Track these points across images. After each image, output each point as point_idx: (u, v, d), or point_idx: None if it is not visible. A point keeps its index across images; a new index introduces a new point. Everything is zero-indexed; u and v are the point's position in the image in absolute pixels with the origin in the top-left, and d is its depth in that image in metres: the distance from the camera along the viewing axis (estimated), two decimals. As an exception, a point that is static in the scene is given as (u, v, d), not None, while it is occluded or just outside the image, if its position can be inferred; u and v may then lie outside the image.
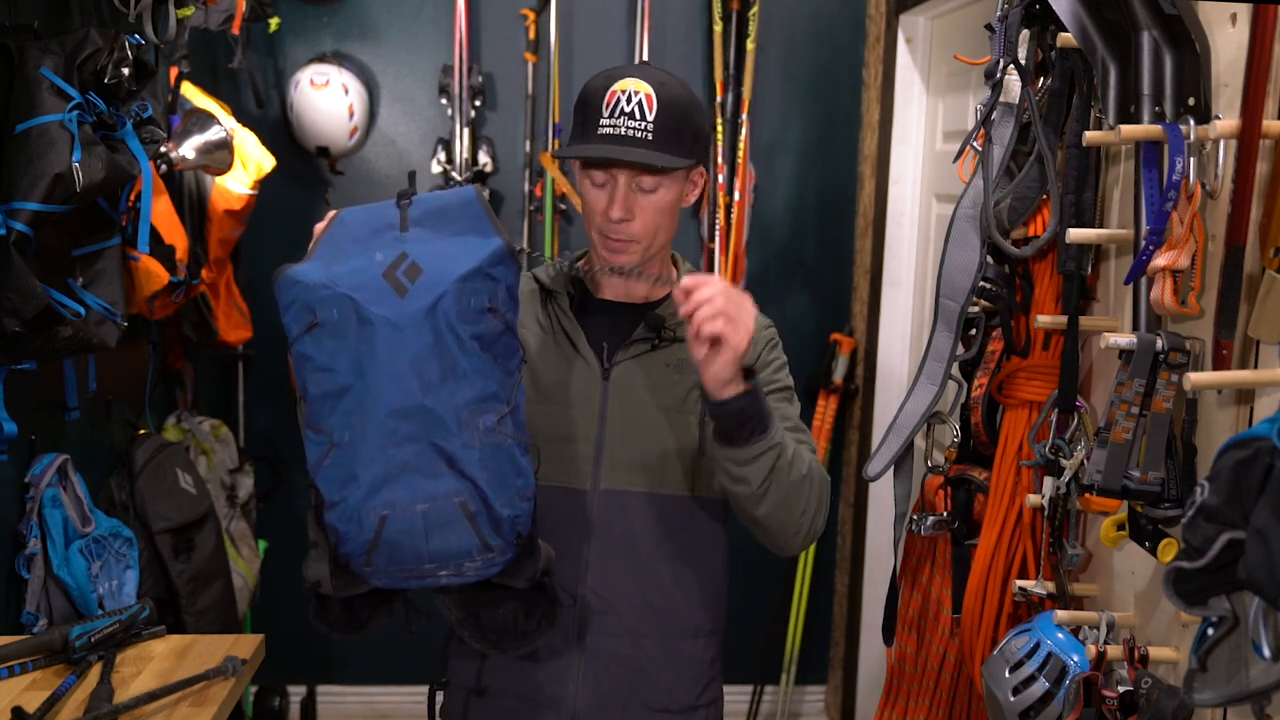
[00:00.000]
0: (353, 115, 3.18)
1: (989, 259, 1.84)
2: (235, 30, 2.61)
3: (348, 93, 3.16)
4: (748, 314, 1.34)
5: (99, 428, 2.39)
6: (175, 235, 2.38)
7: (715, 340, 1.33)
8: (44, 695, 1.53)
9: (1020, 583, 1.85)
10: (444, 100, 3.30)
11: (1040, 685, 1.62)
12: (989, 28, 1.77)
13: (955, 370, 1.94)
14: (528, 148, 3.36)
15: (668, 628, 1.60)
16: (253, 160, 2.76)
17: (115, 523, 2.11)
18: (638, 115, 1.47)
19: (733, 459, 1.43)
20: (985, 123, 1.78)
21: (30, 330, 1.72)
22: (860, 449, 3.43)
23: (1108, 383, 1.66)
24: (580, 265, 1.66)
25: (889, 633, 2.07)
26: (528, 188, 3.36)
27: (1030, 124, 1.76)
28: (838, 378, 3.40)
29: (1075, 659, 1.62)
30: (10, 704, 1.49)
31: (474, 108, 3.29)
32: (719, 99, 3.29)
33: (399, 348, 1.24)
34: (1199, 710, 1.47)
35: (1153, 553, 1.60)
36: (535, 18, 3.29)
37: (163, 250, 2.27)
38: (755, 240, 3.44)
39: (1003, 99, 1.76)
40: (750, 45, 3.28)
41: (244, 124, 2.82)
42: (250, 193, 2.76)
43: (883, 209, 3.26)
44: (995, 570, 1.90)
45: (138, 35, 1.89)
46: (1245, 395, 1.45)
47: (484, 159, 3.30)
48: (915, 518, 2.01)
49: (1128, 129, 1.48)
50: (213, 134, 2.45)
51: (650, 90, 1.49)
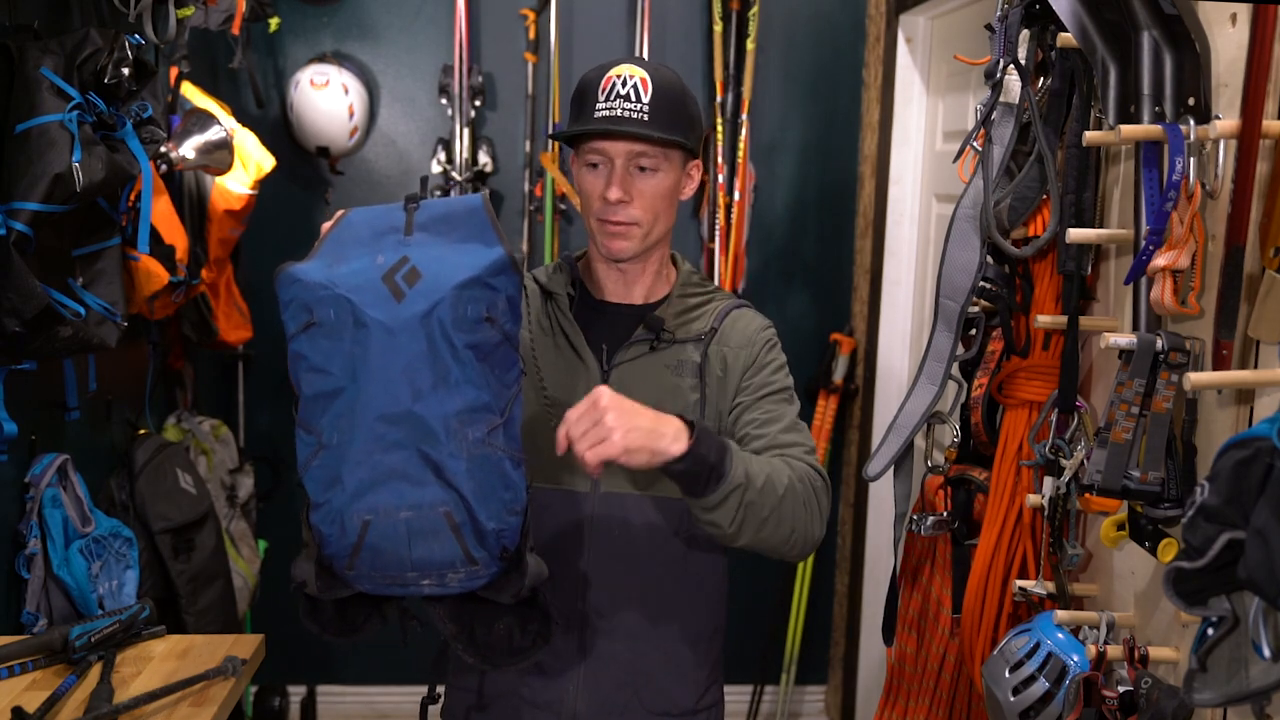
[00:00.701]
0: (353, 115, 3.18)
1: (989, 259, 1.84)
2: (235, 30, 2.61)
3: (348, 93, 3.16)
4: (609, 424, 1.31)
5: (99, 428, 2.39)
6: (175, 235, 2.38)
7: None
8: (44, 695, 1.53)
9: (1020, 583, 1.85)
10: (444, 100, 3.30)
11: (1040, 685, 1.62)
12: (989, 28, 1.76)
13: (955, 370, 1.94)
14: (528, 148, 3.36)
15: (667, 631, 1.60)
16: (253, 160, 2.76)
17: (115, 523, 2.11)
18: (633, 97, 1.49)
19: (698, 507, 1.41)
20: (985, 123, 1.78)
21: (30, 330, 1.72)
22: (860, 449, 3.43)
23: (1108, 383, 1.66)
24: (580, 266, 1.66)
25: (889, 633, 2.07)
26: (528, 188, 3.36)
27: (1030, 124, 1.76)
28: (838, 378, 3.40)
29: (1075, 659, 1.62)
30: (10, 704, 1.49)
31: (474, 108, 3.29)
32: (719, 99, 3.29)
33: (392, 352, 1.23)
34: (1199, 710, 1.47)
35: (1153, 553, 1.60)
36: (535, 18, 3.29)
37: (163, 250, 2.27)
38: (755, 240, 3.44)
39: (1003, 99, 1.76)
40: (750, 45, 3.28)
41: (244, 124, 2.82)
42: (250, 193, 2.76)
43: (883, 209, 3.26)
44: (995, 570, 1.90)
45: (138, 35, 1.89)
46: (1245, 395, 1.45)
47: (484, 159, 3.30)
48: (915, 518, 2.01)
49: (1128, 129, 1.48)
50: (213, 134, 2.45)
51: (645, 75, 1.51)
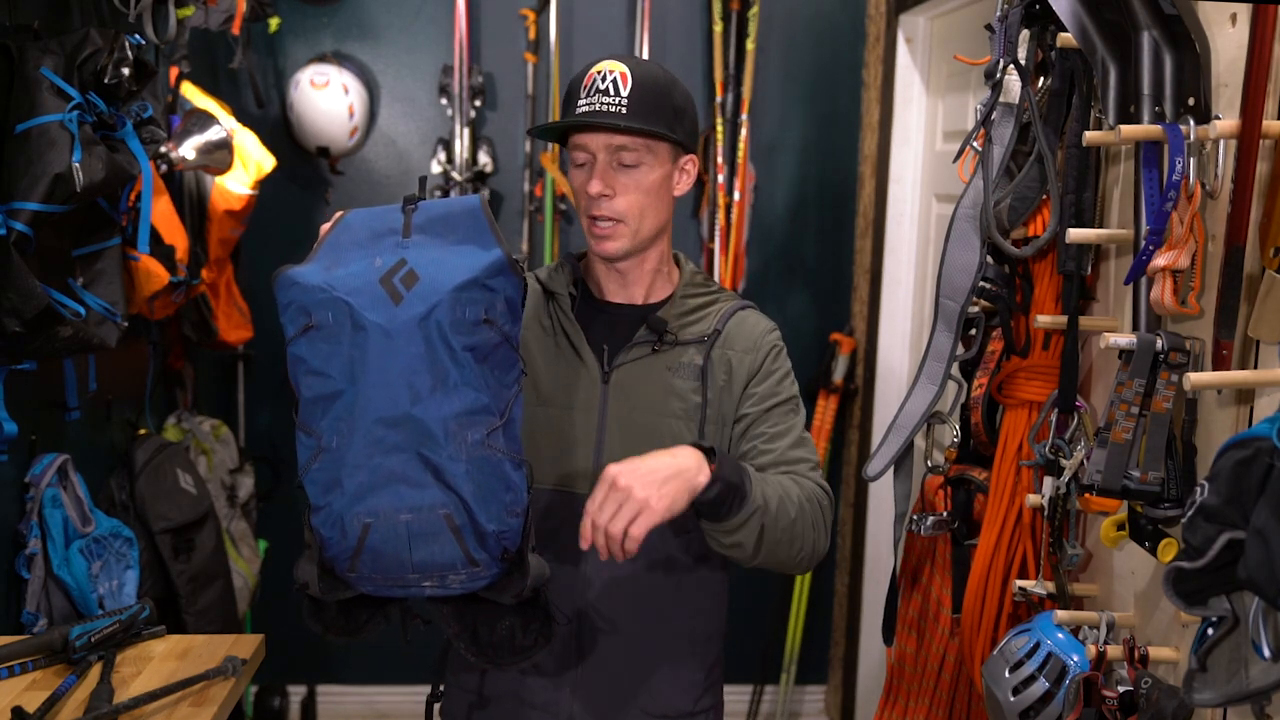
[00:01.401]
0: (353, 115, 3.18)
1: (989, 259, 1.84)
2: (235, 30, 2.61)
3: (348, 93, 3.16)
4: (639, 496, 1.32)
5: (99, 428, 2.39)
6: (175, 235, 2.38)
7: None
8: (44, 695, 1.53)
9: (1020, 583, 1.85)
10: (444, 100, 3.30)
11: (1040, 685, 1.62)
12: (989, 28, 1.76)
13: (955, 370, 1.94)
14: (528, 148, 3.36)
15: (665, 633, 1.60)
16: (253, 160, 2.76)
17: (115, 523, 2.11)
18: (612, 91, 1.49)
19: (719, 531, 1.44)
20: (985, 123, 1.78)
21: (30, 330, 1.72)
22: (860, 449, 3.43)
23: (1108, 383, 1.66)
24: (582, 266, 1.66)
25: (889, 633, 2.07)
26: (528, 188, 3.37)
27: (1030, 124, 1.76)
28: (838, 378, 3.40)
29: (1075, 659, 1.62)
30: (10, 704, 1.49)
31: (474, 108, 3.29)
32: (719, 99, 3.29)
33: (390, 355, 1.23)
34: (1199, 710, 1.47)
35: (1153, 553, 1.60)
36: (535, 18, 3.29)
37: (163, 250, 2.27)
38: (755, 240, 3.44)
39: (1003, 99, 1.76)
40: (750, 45, 3.28)
41: (244, 124, 2.82)
42: (250, 193, 2.76)
43: (883, 209, 3.26)
44: (995, 570, 1.90)
45: (138, 35, 1.89)
46: (1245, 395, 1.45)
47: (484, 159, 3.30)
48: (915, 518, 2.01)
49: (1128, 129, 1.48)
50: (213, 134, 2.45)
51: (625, 69, 1.51)
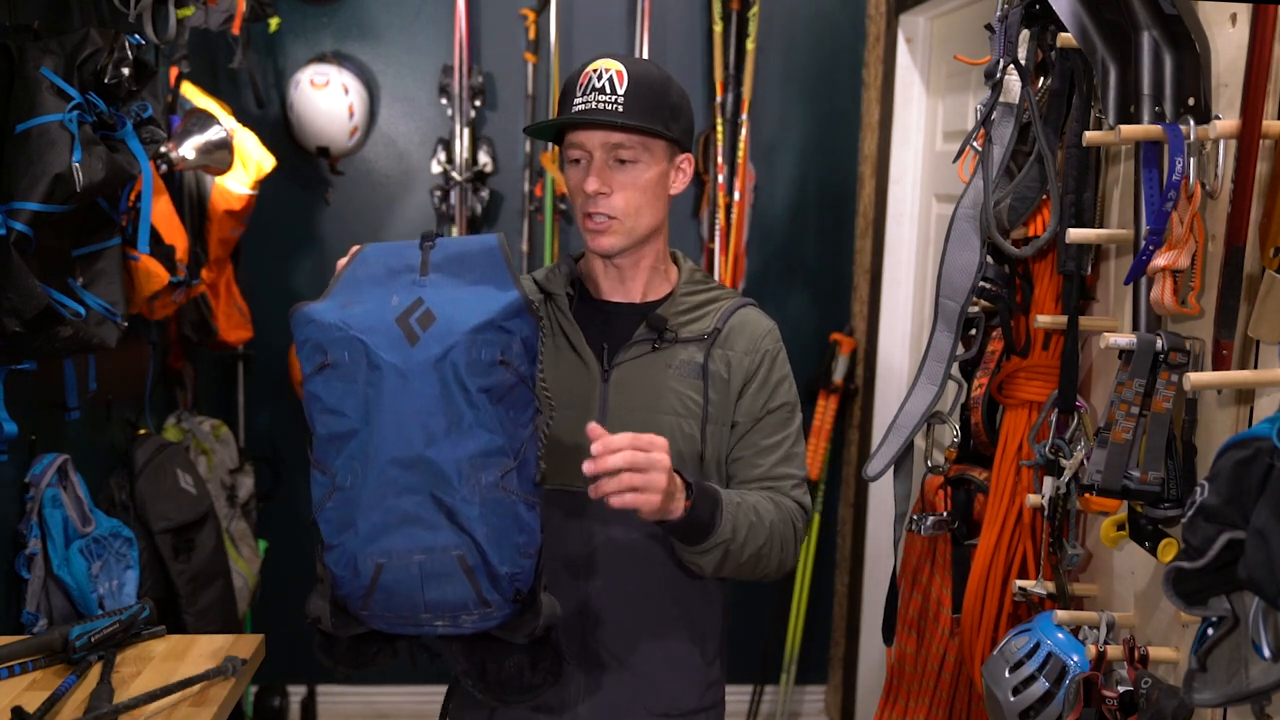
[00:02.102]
0: (353, 115, 3.18)
1: (989, 259, 1.84)
2: (235, 30, 2.61)
3: (348, 93, 3.16)
4: (656, 476, 1.34)
5: (99, 428, 2.39)
6: (175, 235, 2.38)
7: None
8: (44, 695, 1.53)
9: (1020, 583, 1.85)
10: (444, 100, 3.30)
11: (1040, 685, 1.62)
12: (989, 28, 1.76)
13: (955, 370, 1.94)
14: (528, 148, 3.36)
15: (669, 631, 1.60)
16: (253, 160, 2.76)
17: (115, 523, 2.11)
18: (608, 90, 1.50)
19: (682, 549, 1.49)
20: (985, 123, 1.77)
21: (30, 330, 1.72)
22: (860, 449, 3.43)
23: (1108, 383, 1.66)
24: (580, 266, 1.66)
25: (889, 633, 2.06)
26: (528, 188, 3.37)
27: (1030, 124, 1.76)
28: (838, 378, 3.40)
29: (1075, 659, 1.62)
30: (10, 704, 1.49)
31: (474, 108, 3.29)
32: (719, 99, 3.29)
33: (405, 396, 1.23)
34: (1199, 710, 1.47)
35: (1153, 553, 1.60)
36: (535, 18, 3.29)
37: (163, 250, 2.27)
38: (755, 240, 3.44)
39: (1003, 99, 1.76)
40: (750, 45, 3.28)
41: (244, 124, 2.82)
42: (250, 193, 2.76)
43: (883, 209, 3.26)
44: (995, 570, 1.90)
45: (138, 35, 1.89)
46: (1245, 395, 1.45)
47: (484, 159, 3.31)
48: (915, 518, 2.01)
49: (1128, 129, 1.48)
50: (213, 134, 2.45)
51: (621, 67, 1.52)
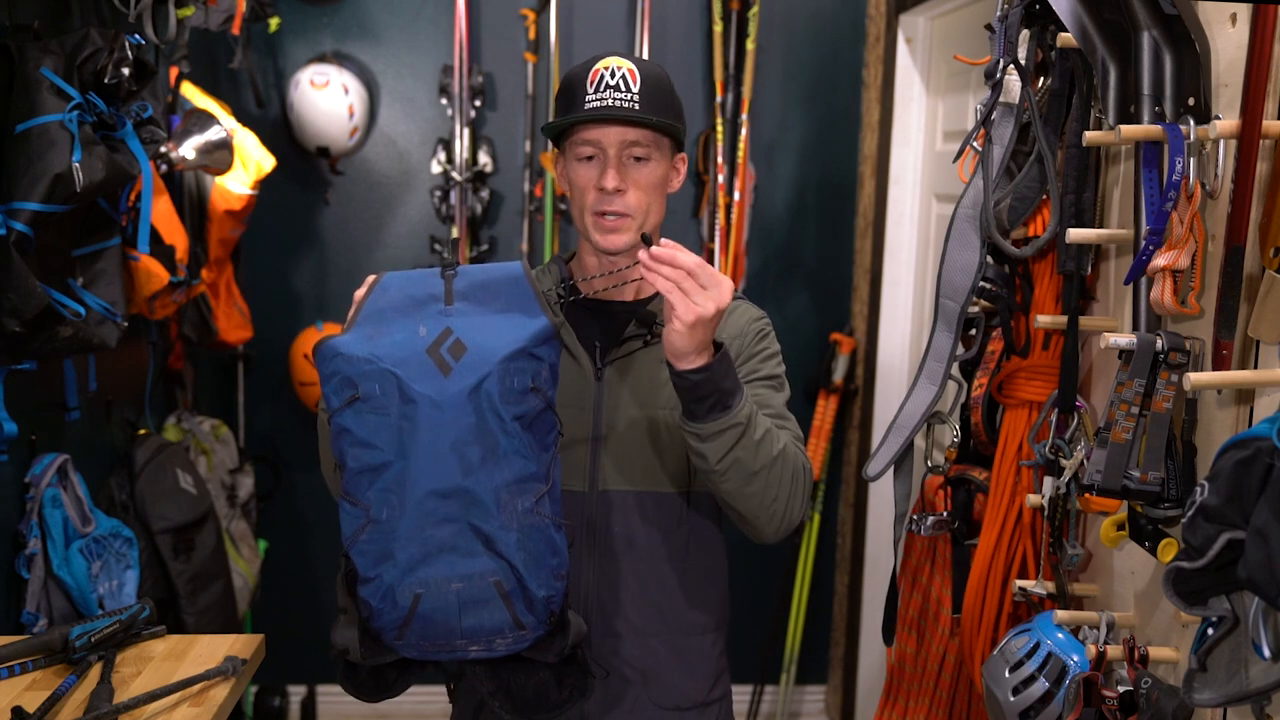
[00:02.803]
0: (353, 115, 3.18)
1: (989, 259, 1.84)
2: (235, 30, 2.61)
3: (348, 93, 3.16)
4: (712, 292, 1.31)
5: (99, 428, 2.39)
6: (175, 235, 2.38)
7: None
8: (44, 695, 1.53)
9: (1020, 583, 1.85)
10: (444, 100, 3.30)
11: (1040, 685, 1.62)
12: (989, 28, 1.76)
13: (955, 370, 1.94)
14: (528, 148, 3.36)
15: (673, 626, 1.60)
16: (253, 160, 2.76)
17: (115, 523, 2.11)
18: (623, 88, 1.50)
19: (692, 432, 1.41)
20: (985, 123, 1.78)
21: (30, 330, 1.72)
22: (860, 449, 3.43)
23: (1108, 383, 1.66)
24: (571, 266, 1.66)
25: (889, 633, 2.06)
26: (528, 188, 3.37)
27: (1030, 124, 1.76)
28: (838, 378, 3.40)
29: (1075, 659, 1.62)
30: (10, 704, 1.49)
31: (474, 108, 3.29)
32: (719, 99, 3.29)
33: (441, 428, 1.24)
34: (1199, 710, 1.47)
35: (1153, 553, 1.60)
36: (535, 18, 3.29)
37: (163, 250, 2.27)
38: (755, 240, 3.44)
39: (1003, 99, 1.76)
40: (750, 45, 3.28)
41: (244, 124, 2.82)
42: (250, 193, 2.76)
43: (883, 209, 3.26)
44: (995, 570, 1.90)
45: (138, 35, 1.89)
46: (1245, 395, 1.45)
47: (484, 159, 3.31)
48: (915, 518, 2.01)
49: (1128, 129, 1.48)
50: (213, 134, 2.45)
51: (632, 65, 1.53)
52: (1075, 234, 1.67)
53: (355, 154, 3.34)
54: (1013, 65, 1.72)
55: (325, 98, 3.14)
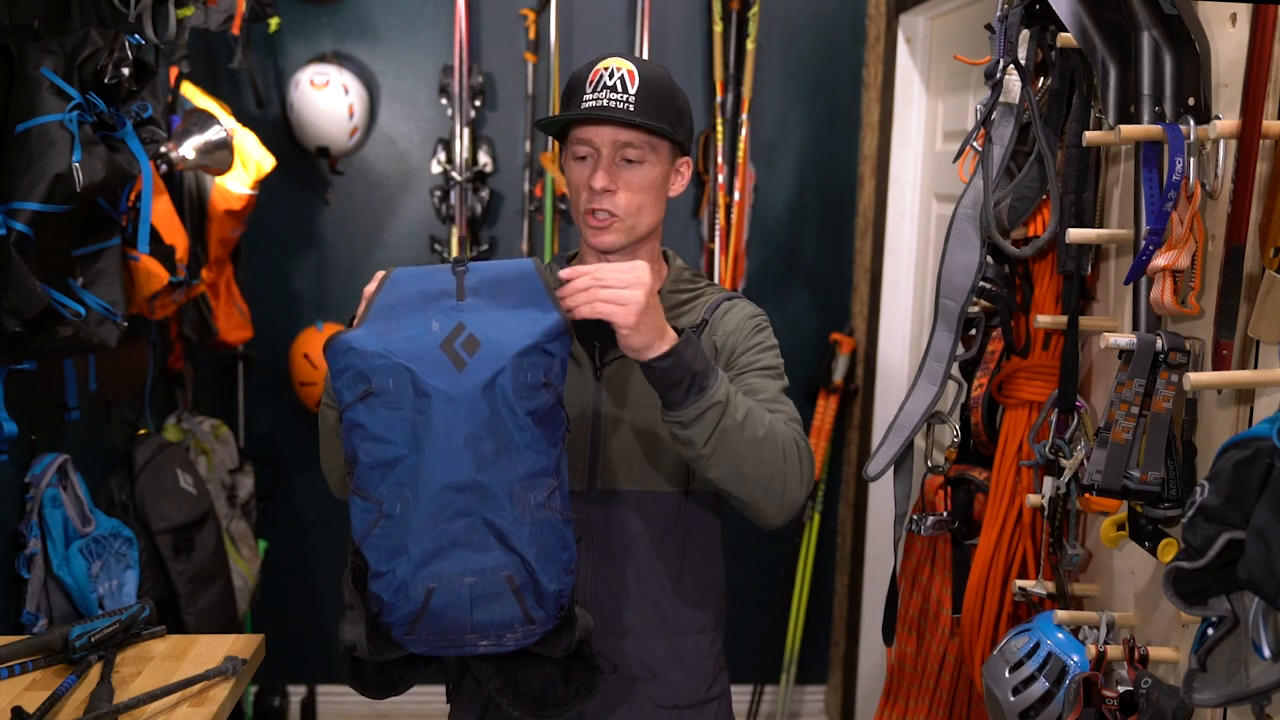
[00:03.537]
0: (353, 115, 3.18)
1: (989, 259, 1.84)
2: (235, 30, 2.61)
3: (348, 93, 3.16)
4: (627, 277, 1.31)
5: (99, 428, 2.39)
6: (175, 235, 2.38)
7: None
8: (44, 695, 1.53)
9: (1020, 583, 1.85)
10: (444, 100, 3.30)
11: (1040, 685, 1.62)
12: (989, 28, 1.76)
13: (955, 370, 1.94)
14: (528, 148, 3.36)
15: (670, 625, 1.60)
16: (253, 160, 2.76)
17: (115, 523, 2.11)
18: (620, 88, 1.51)
19: (674, 421, 1.38)
20: (985, 123, 1.78)
21: (30, 330, 1.72)
22: (860, 449, 3.43)
23: (1108, 383, 1.66)
24: (572, 265, 1.66)
25: (889, 633, 2.06)
26: (528, 188, 3.37)
27: (1030, 124, 1.76)
28: (838, 378, 3.40)
29: (1075, 659, 1.62)
30: (10, 704, 1.49)
31: (474, 108, 3.29)
32: (719, 99, 3.29)
33: (455, 422, 1.24)
34: (1199, 710, 1.47)
35: (1153, 553, 1.60)
36: (535, 18, 3.29)
37: (163, 250, 2.27)
38: (755, 240, 3.44)
39: (1003, 99, 1.76)
40: (750, 45, 3.28)
41: (244, 124, 2.82)
42: (250, 193, 2.76)
43: (883, 209, 3.26)
44: (995, 570, 1.90)
45: (138, 35, 1.89)
46: (1245, 395, 1.45)
47: (484, 159, 3.31)
48: (915, 518, 2.01)
49: (1128, 129, 1.48)
50: (213, 134, 2.45)
51: (632, 67, 1.53)
52: (1075, 234, 1.67)
53: (355, 154, 3.34)
54: (1013, 65, 1.72)
55: (325, 98, 3.14)
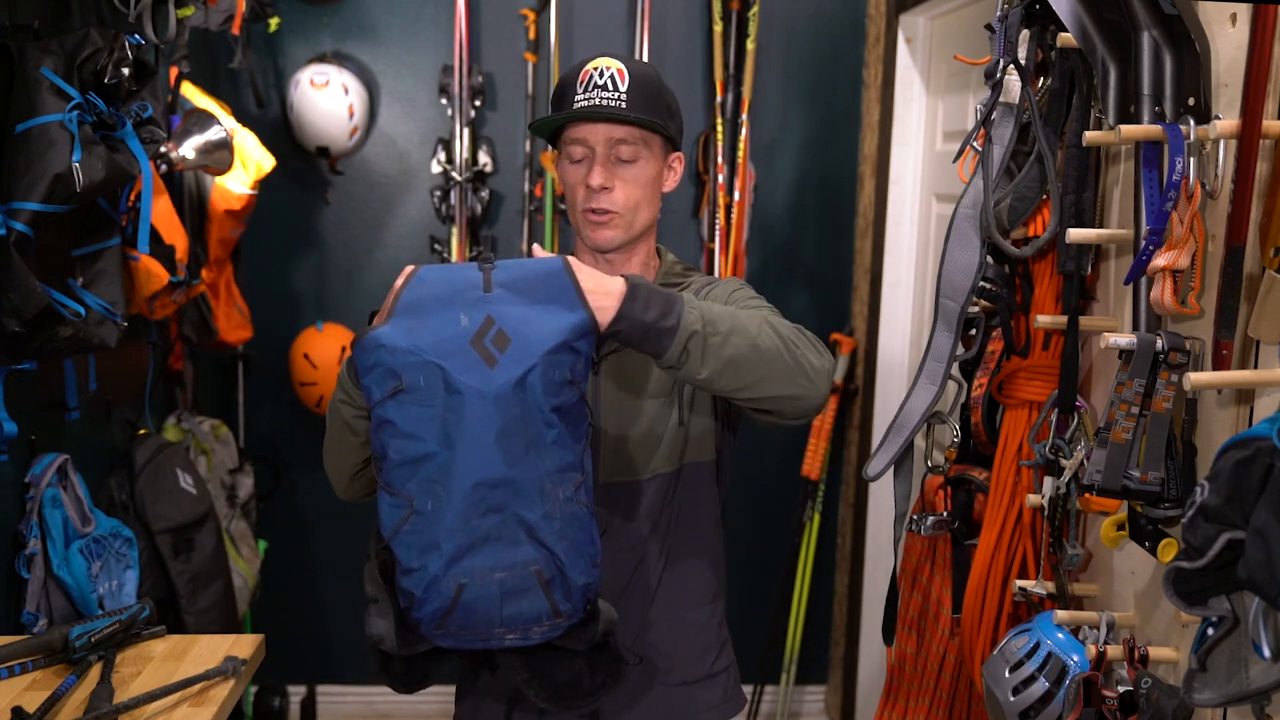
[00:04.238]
0: (353, 115, 3.18)
1: (989, 259, 1.84)
2: (235, 30, 2.61)
3: (348, 93, 3.16)
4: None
5: (99, 428, 2.39)
6: (175, 235, 2.38)
7: None
8: (44, 695, 1.53)
9: (1020, 583, 1.85)
10: (444, 100, 3.30)
11: (1040, 685, 1.62)
12: (989, 28, 1.76)
13: (955, 370, 1.94)
14: (528, 148, 3.36)
15: (671, 601, 1.62)
16: (253, 160, 2.76)
17: (115, 523, 2.11)
18: (610, 87, 1.52)
19: (667, 368, 1.36)
20: (985, 123, 1.77)
21: (30, 330, 1.72)
22: (860, 449, 3.43)
23: (1108, 383, 1.66)
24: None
25: (889, 633, 2.06)
26: (528, 188, 3.37)
27: (1030, 124, 1.76)
28: (838, 378, 3.40)
29: (1075, 659, 1.62)
30: (10, 704, 1.49)
31: (474, 108, 3.29)
32: (719, 99, 3.29)
33: (487, 419, 1.24)
34: (1199, 710, 1.47)
35: (1153, 553, 1.60)
36: (535, 18, 3.29)
37: (163, 250, 2.27)
38: (755, 240, 3.44)
39: (1003, 99, 1.76)
40: (750, 45, 3.28)
41: (244, 124, 2.82)
42: (250, 193, 2.76)
43: (883, 209, 3.26)
44: (995, 570, 1.90)
45: (138, 35, 1.89)
46: (1245, 395, 1.45)
47: (484, 159, 3.31)
48: (915, 518, 2.01)
49: (1128, 129, 1.48)
50: (213, 134, 2.45)
51: (621, 65, 1.54)
52: (1075, 234, 1.67)
53: (355, 154, 3.34)
54: (1013, 65, 1.72)
55: (325, 98, 3.14)
